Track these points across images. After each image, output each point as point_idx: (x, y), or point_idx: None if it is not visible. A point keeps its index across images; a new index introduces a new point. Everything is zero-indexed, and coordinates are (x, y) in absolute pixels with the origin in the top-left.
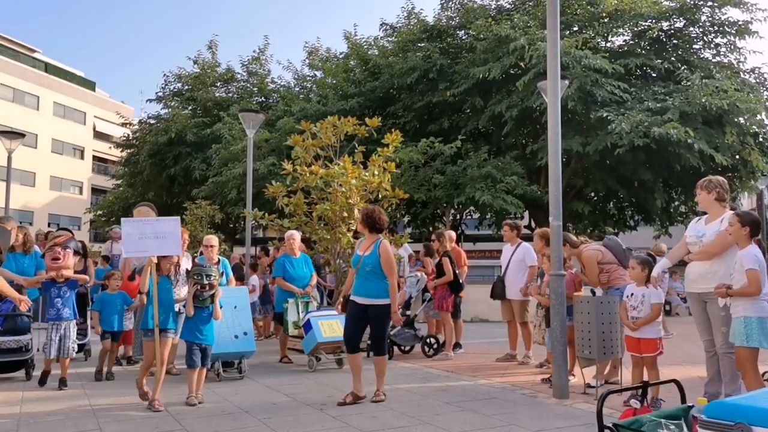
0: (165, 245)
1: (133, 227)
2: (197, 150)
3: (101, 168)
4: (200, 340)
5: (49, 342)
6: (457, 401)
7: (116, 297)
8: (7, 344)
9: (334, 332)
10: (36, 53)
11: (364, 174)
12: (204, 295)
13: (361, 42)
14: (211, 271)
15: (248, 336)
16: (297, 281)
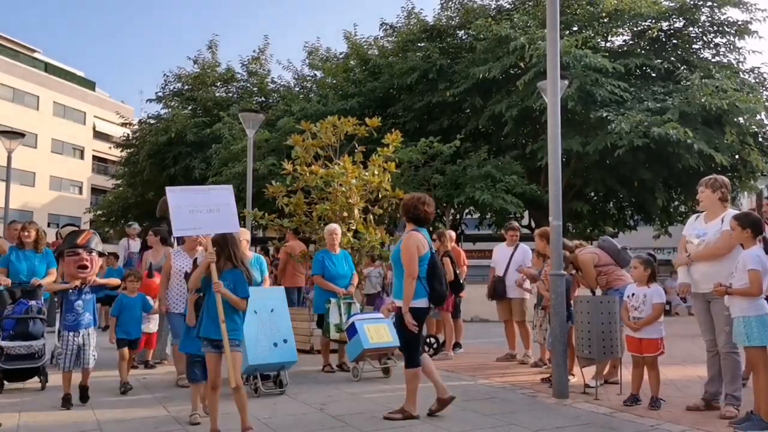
0: (221, 221)
1: (181, 198)
2: (197, 150)
3: (101, 168)
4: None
5: (64, 352)
6: (456, 401)
7: (136, 300)
8: (18, 350)
9: (381, 337)
10: (36, 53)
11: (364, 174)
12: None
13: (361, 42)
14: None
15: (289, 344)
16: (338, 280)
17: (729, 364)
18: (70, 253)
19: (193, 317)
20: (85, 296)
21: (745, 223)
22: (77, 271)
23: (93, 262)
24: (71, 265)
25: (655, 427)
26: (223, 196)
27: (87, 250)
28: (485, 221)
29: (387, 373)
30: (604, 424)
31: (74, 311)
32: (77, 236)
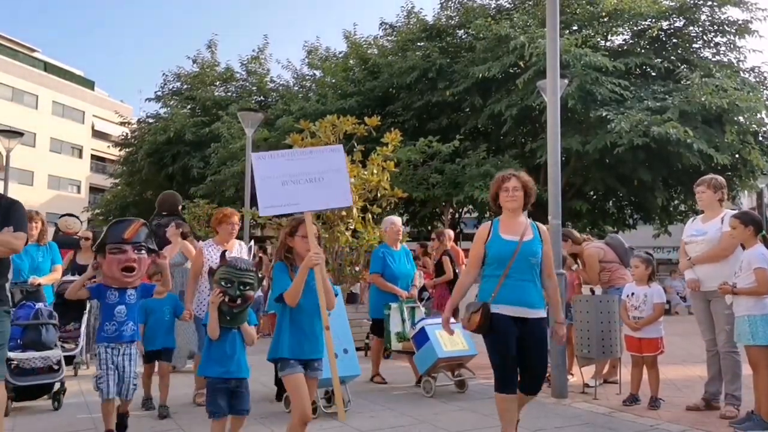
0: (327, 192)
1: (270, 167)
2: (196, 149)
3: (99, 167)
4: (230, 374)
5: (105, 373)
6: (456, 400)
7: (164, 303)
8: (31, 362)
9: (455, 345)
10: (35, 52)
11: (363, 173)
12: (233, 312)
13: (361, 41)
14: (248, 277)
15: (350, 354)
16: (400, 279)
17: (729, 363)
18: (115, 250)
19: (217, 328)
20: (129, 299)
21: (747, 220)
22: (122, 274)
23: (141, 264)
24: (114, 266)
25: (654, 426)
26: (329, 160)
27: (135, 246)
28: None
29: (462, 387)
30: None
31: (114, 319)
32: (123, 227)
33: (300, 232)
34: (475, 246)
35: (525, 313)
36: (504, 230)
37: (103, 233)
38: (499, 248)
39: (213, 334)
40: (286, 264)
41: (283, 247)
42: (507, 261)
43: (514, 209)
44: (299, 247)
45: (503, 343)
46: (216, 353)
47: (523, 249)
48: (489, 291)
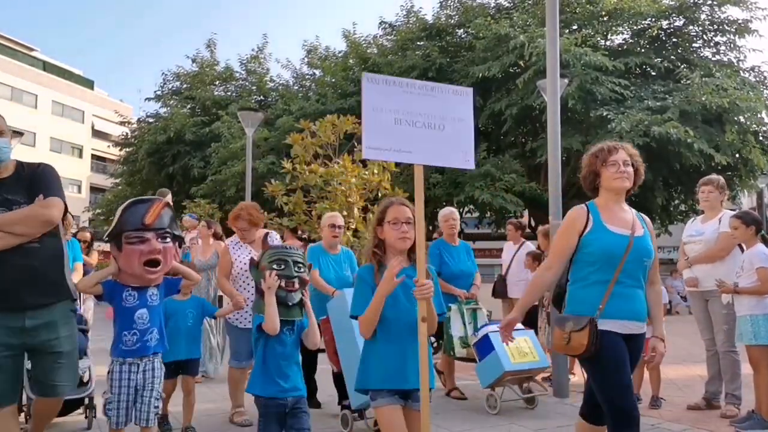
0: (447, 147)
1: (384, 95)
2: (196, 149)
3: (100, 167)
4: (287, 393)
5: (116, 396)
6: (457, 400)
7: (186, 305)
8: None
9: (524, 355)
10: (34, 52)
11: (363, 172)
12: (294, 298)
13: (360, 40)
14: (300, 256)
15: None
16: (459, 279)
17: (728, 363)
18: (134, 239)
19: (277, 319)
20: (151, 301)
21: (749, 220)
22: (144, 269)
23: (167, 255)
24: (134, 259)
25: (655, 426)
26: (453, 105)
27: (159, 233)
28: (484, 220)
29: (532, 404)
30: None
31: (134, 326)
32: (142, 210)
33: (390, 217)
34: (564, 236)
35: (635, 328)
36: (609, 220)
37: (117, 218)
38: (606, 243)
39: (273, 327)
40: (372, 265)
41: (373, 242)
42: (617, 261)
43: (622, 190)
44: (390, 237)
45: (620, 370)
46: (272, 366)
47: (636, 246)
48: (593, 301)
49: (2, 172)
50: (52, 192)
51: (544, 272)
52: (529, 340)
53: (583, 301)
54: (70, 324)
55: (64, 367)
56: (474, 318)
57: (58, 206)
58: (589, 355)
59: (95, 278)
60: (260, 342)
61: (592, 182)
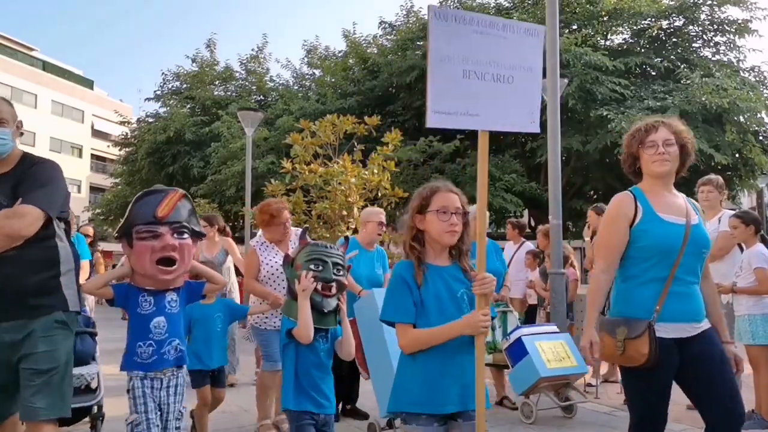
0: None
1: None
2: (195, 148)
3: (99, 166)
4: (323, 409)
5: (145, 417)
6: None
7: (213, 309)
8: None
9: (560, 360)
10: (34, 51)
11: (363, 172)
12: (330, 305)
13: (360, 40)
14: (339, 258)
15: None
16: None
17: None
18: (145, 234)
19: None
20: (170, 307)
21: (748, 220)
22: (157, 269)
23: (185, 252)
24: (146, 257)
25: None
26: (522, 50)
27: (174, 227)
28: None
29: (570, 412)
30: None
31: (151, 337)
32: (154, 201)
33: (437, 205)
34: (612, 228)
35: (693, 329)
36: (660, 207)
37: (128, 211)
38: (661, 235)
39: (307, 335)
40: (412, 261)
41: (410, 234)
42: (675, 255)
43: (663, 174)
44: (435, 230)
45: (662, 381)
46: (303, 377)
47: (693, 236)
48: (648, 302)
49: (2, 166)
50: (35, 197)
51: (600, 276)
52: (566, 343)
53: (636, 301)
54: (54, 339)
55: (40, 388)
56: (504, 321)
57: (29, 217)
58: (650, 364)
59: (102, 279)
60: (290, 349)
61: (632, 166)
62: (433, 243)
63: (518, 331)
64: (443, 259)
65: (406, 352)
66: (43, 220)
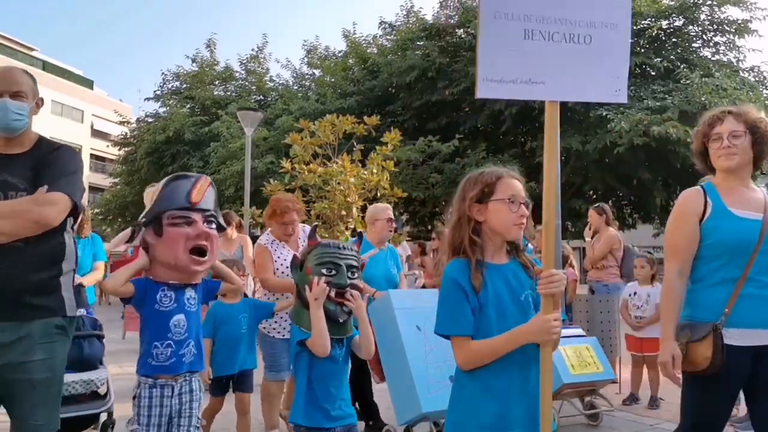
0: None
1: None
2: (195, 148)
3: (99, 166)
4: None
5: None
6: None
7: (238, 309)
8: (70, 387)
9: (585, 365)
10: (34, 51)
11: (362, 172)
12: (342, 313)
13: (360, 40)
14: (353, 258)
15: None
16: None
17: None
18: (179, 219)
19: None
20: (189, 305)
21: None
22: (191, 259)
23: (214, 245)
24: (179, 244)
25: (654, 426)
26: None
27: (206, 216)
28: None
29: (595, 420)
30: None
31: (169, 336)
32: (185, 186)
33: (505, 193)
34: (680, 227)
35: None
36: (733, 202)
37: (155, 196)
38: (732, 231)
39: (323, 349)
40: (465, 261)
41: (468, 228)
42: (749, 253)
43: (731, 169)
44: (502, 222)
45: (726, 391)
46: (317, 388)
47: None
48: (716, 305)
49: (15, 145)
50: (61, 185)
51: (675, 281)
52: (591, 348)
53: (704, 304)
54: (53, 346)
55: (39, 401)
56: None
57: (60, 205)
58: (715, 371)
59: (124, 275)
60: (302, 359)
61: (702, 162)
62: (494, 237)
63: None
64: (501, 255)
65: (466, 369)
66: (69, 210)
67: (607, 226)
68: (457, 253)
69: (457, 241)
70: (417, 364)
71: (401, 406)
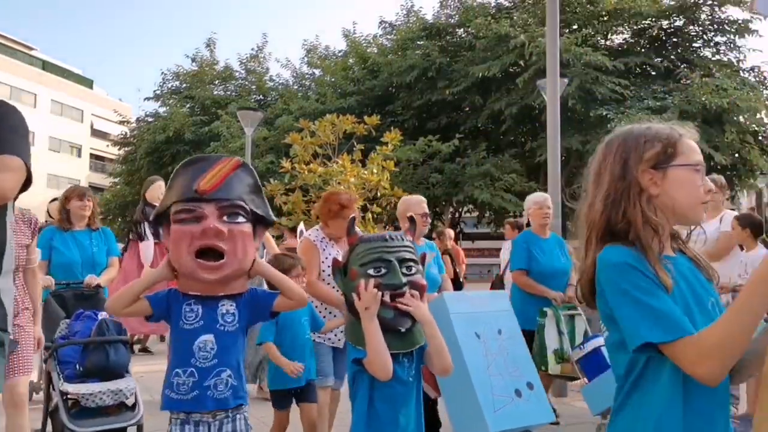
0: None
1: None
2: (195, 148)
3: (99, 166)
4: None
5: None
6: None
7: (301, 313)
8: (97, 398)
9: None
10: (34, 51)
11: (362, 172)
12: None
13: (360, 40)
14: (408, 250)
15: (537, 391)
16: (553, 278)
17: None
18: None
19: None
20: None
21: (745, 223)
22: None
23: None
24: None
25: None
26: None
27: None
28: (484, 220)
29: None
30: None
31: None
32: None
33: (687, 157)
34: None
35: None
36: None
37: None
38: None
39: (385, 372)
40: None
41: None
42: None
43: None
44: (687, 197)
45: None
46: (381, 410)
47: None
48: None
49: None
50: (13, 146)
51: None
52: None
53: None
54: None
55: None
56: (571, 326)
57: (19, 172)
58: None
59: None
60: (362, 380)
61: None
62: (671, 218)
63: (595, 340)
64: (668, 246)
65: (716, 378)
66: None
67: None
68: (608, 240)
69: (616, 220)
70: (479, 376)
71: (463, 426)
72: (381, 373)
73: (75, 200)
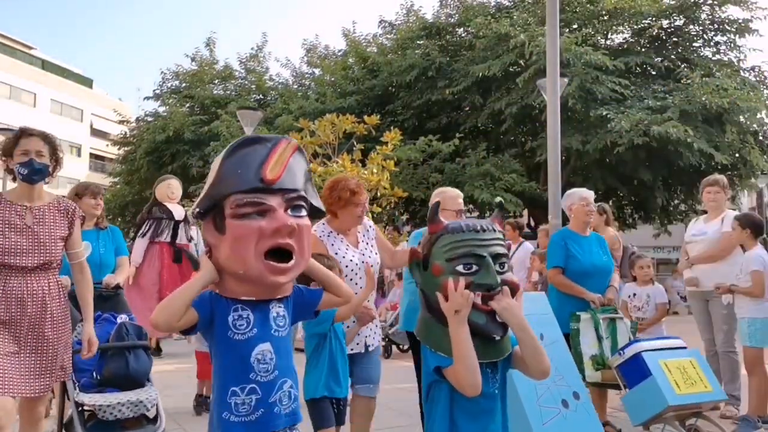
0: None
1: None
2: (195, 148)
3: (98, 166)
4: None
5: None
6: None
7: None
8: (116, 410)
9: (692, 384)
10: (33, 50)
11: (362, 172)
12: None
13: (360, 39)
14: (499, 242)
15: (584, 402)
16: (593, 277)
17: (727, 363)
18: (249, 208)
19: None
20: (277, 328)
21: (746, 223)
22: (265, 267)
23: (303, 239)
24: (249, 245)
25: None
26: None
27: (290, 199)
28: None
29: None
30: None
31: (252, 377)
32: (258, 156)
33: None
34: None
35: None
36: None
37: (215, 172)
38: None
39: (473, 388)
40: None
41: None
42: None
43: None
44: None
45: None
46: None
47: None
48: None
49: None
50: None
51: None
52: (696, 362)
53: None
54: None
55: None
56: (612, 331)
57: None
58: None
59: (181, 299)
60: (440, 391)
61: None
62: None
63: (636, 345)
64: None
65: None
66: None
67: (606, 226)
68: None
69: None
70: (524, 386)
71: None
72: (470, 388)
73: (88, 198)
